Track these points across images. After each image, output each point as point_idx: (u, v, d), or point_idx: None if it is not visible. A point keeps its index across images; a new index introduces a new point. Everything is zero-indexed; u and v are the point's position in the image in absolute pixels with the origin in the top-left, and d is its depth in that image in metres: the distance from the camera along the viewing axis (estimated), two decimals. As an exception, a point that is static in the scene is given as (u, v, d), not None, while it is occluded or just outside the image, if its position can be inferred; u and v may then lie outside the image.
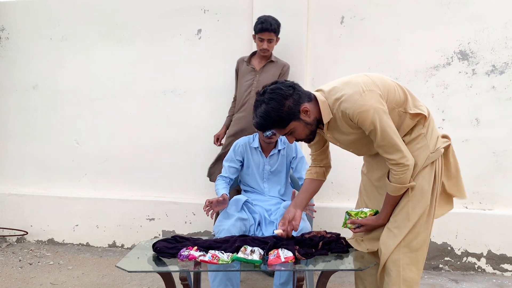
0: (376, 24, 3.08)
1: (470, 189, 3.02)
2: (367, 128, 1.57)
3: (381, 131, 1.55)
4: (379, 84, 1.60)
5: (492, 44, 2.95)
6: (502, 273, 2.93)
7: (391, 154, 1.59)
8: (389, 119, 1.57)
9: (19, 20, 3.65)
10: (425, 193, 1.65)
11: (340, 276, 2.81)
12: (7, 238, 3.63)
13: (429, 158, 1.64)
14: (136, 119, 3.49)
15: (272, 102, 1.59)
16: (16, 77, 3.69)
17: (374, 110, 1.53)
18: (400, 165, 1.59)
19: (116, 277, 2.85)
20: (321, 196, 3.18)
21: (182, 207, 3.37)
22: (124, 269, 1.63)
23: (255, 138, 2.59)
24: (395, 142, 1.57)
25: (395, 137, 1.57)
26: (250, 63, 2.96)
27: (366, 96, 1.55)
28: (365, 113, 1.53)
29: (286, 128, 1.64)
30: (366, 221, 1.77)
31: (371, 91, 1.56)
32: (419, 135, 1.65)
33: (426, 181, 1.65)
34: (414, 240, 1.65)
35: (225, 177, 2.53)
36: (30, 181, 3.72)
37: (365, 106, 1.53)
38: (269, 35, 2.79)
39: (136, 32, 3.44)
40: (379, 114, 1.54)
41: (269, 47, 2.83)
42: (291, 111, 1.60)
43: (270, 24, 2.75)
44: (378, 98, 1.56)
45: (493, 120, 2.97)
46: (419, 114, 1.64)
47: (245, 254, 1.66)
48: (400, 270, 1.64)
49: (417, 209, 1.65)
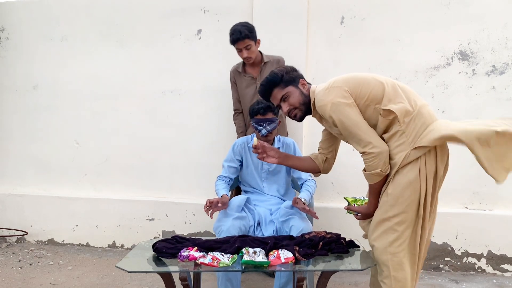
0: (376, 24, 3.08)
1: (470, 190, 3.02)
2: (328, 121, 1.73)
3: (340, 122, 1.66)
4: (350, 81, 1.71)
5: (492, 45, 2.95)
6: (502, 273, 2.93)
7: (356, 144, 1.69)
8: (352, 111, 1.65)
9: (19, 20, 3.65)
10: (404, 191, 1.63)
11: (340, 277, 2.81)
12: (7, 238, 3.63)
13: (410, 156, 1.62)
14: (136, 119, 3.49)
15: (279, 68, 1.89)
16: (16, 77, 3.69)
17: (332, 104, 1.67)
18: (365, 153, 1.65)
19: (116, 277, 2.85)
20: (321, 196, 3.18)
21: (182, 207, 3.37)
22: (124, 269, 1.63)
23: (253, 138, 2.59)
24: (355, 131, 1.65)
25: (357, 126, 1.64)
26: (246, 72, 2.90)
27: (328, 92, 1.71)
28: (324, 107, 1.71)
29: (285, 89, 1.83)
30: (358, 209, 1.85)
31: (335, 88, 1.70)
32: (396, 132, 1.65)
33: (406, 179, 1.63)
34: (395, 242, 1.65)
35: (225, 177, 2.53)
36: (30, 181, 3.72)
37: (324, 101, 1.70)
38: (244, 43, 2.68)
39: (136, 32, 3.44)
40: (337, 107, 1.66)
41: (250, 53, 2.73)
42: (292, 76, 1.84)
43: (239, 32, 2.64)
44: (341, 93, 1.68)
45: (493, 120, 2.96)
46: (390, 112, 1.65)
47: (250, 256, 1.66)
48: (391, 271, 1.65)
49: (395, 208, 1.65)
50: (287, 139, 2.60)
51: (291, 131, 3.07)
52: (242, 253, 1.70)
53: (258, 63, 2.87)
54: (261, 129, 2.40)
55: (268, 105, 2.41)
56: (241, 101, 2.97)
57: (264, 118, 2.40)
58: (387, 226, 1.67)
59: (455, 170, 1.84)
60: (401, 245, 1.65)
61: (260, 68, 2.86)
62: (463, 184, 2.98)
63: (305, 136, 3.16)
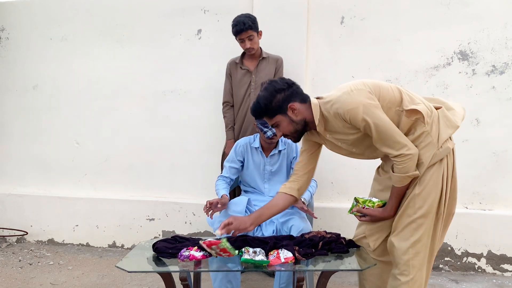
0: (376, 24, 3.08)
1: (470, 189, 3.02)
2: (360, 124, 1.61)
3: (374, 125, 1.58)
4: (369, 84, 1.65)
5: (492, 44, 2.95)
6: (502, 273, 2.93)
7: (390, 147, 1.61)
8: (382, 113, 1.60)
9: (19, 20, 3.65)
10: (431, 191, 1.63)
11: (340, 276, 2.81)
12: (7, 238, 3.63)
13: (436, 156, 1.62)
14: (136, 119, 3.49)
15: (265, 92, 1.72)
16: (16, 77, 3.69)
17: (363, 106, 1.58)
18: (401, 155, 1.60)
19: (116, 277, 2.85)
20: (321, 196, 3.18)
21: (182, 207, 3.37)
22: (124, 269, 1.63)
23: (255, 139, 2.58)
24: (391, 133, 1.59)
25: (391, 129, 1.59)
26: (243, 64, 2.93)
27: (354, 95, 1.61)
28: (355, 110, 1.59)
29: (273, 119, 1.74)
30: (371, 212, 1.76)
31: (359, 90, 1.62)
32: (422, 133, 1.64)
33: (433, 180, 1.63)
34: (419, 243, 1.65)
35: (225, 177, 2.53)
36: (30, 181, 3.72)
37: (353, 104, 1.60)
38: (247, 34, 2.73)
39: (136, 32, 3.44)
40: (369, 109, 1.58)
41: (253, 44, 2.78)
42: (279, 104, 1.71)
43: (243, 23, 2.69)
44: (367, 94, 1.61)
45: (493, 120, 2.96)
46: (415, 110, 1.63)
47: (250, 256, 1.66)
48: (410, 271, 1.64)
49: (423, 208, 1.64)
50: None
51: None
52: (242, 252, 1.70)
53: (257, 56, 2.90)
54: (266, 131, 2.39)
55: None
56: (233, 94, 2.98)
57: None
58: (413, 226, 1.65)
59: (455, 170, 1.84)
60: (423, 246, 1.66)
61: (258, 62, 2.89)
62: (463, 184, 2.96)
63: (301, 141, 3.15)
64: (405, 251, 1.66)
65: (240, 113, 2.94)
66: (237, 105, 2.95)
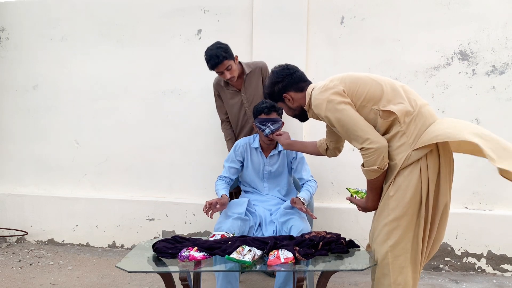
0: (376, 24, 3.08)
1: (470, 189, 3.02)
2: (324, 119, 1.72)
3: (336, 120, 1.65)
4: (346, 80, 1.70)
5: (492, 45, 2.95)
6: (502, 273, 2.93)
7: (354, 140, 1.66)
8: (348, 108, 1.64)
9: (19, 20, 3.65)
10: (406, 193, 1.60)
11: (340, 277, 2.81)
12: (7, 238, 3.63)
13: (410, 157, 1.59)
14: (136, 119, 3.49)
15: (267, 83, 1.93)
16: (16, 77, 3.69)
17: (328, 102, 1.66)
18: (363, 149, 1.63)
19: (116, 277, 2.85)
20: (321, 196, 3.18)
21: (182, 207, 3.37)
22: (124, 269, 1.63)
23: (255, 139, 2.59)
24: (353, 128, 1.63)
25: (353, 123, 1.63)
26: (229, 85, 2.83)
27: (324, 91, 1.70)
28: (319, 106, 1.70)
29: (278, 105, 1.99)
30: (357, 202, 1.85)
31: (331, 87, 1.69)
32: (396, 132, 1.63)
33: (408, 181, 1.60)
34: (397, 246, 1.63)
35: (225, 177, 2.53)
36: (30, 181, 3.72)
37: (319, 100, 1.70)
38: (223, 66, 2.58)
39: (136, 32, 3.44)
40: (333, 105, 1.65)
41: (232, 73, 2.64)
42: (277, 94, 1.91)
43: (216, 57, 2.55)
44: (337, 91, 1.67)
45: (493, 120, 2.96)
46: (390, 113, 1.62)
47: (240, 254, 1.66)
48: (391, 274, 1.63)
49: (397, 211, 1.62)
50: None
51: (291, 131, 3.06)
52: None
53: (240, 76, 2.79)
54: (264, 129, 2.39)
55: (272, 105, 2.42)
56: (228, 114, 2.95)
57: (268, 117, 2.40)
58: (388, 229, 1.64)
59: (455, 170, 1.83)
60: (403, 248, 1.63)
61: (243, 80, 2.79)
62: (463, 184, 2.98)
63: (305, 137, 3.16)
64: (384, 256, 1.65)
65: (240, 132, 2.91)
66: (235, 125, 2.92)
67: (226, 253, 1.73)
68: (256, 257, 1.69)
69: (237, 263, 1.66)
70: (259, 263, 1.69)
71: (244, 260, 1.64)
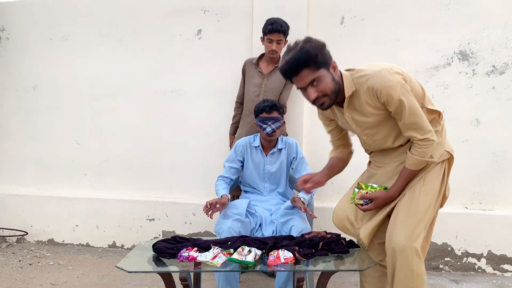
0: (376, 24, 3.07)
1: (470, 189, 3.02)
2: (394, 104, 1.57)
3: (409, 106, 1.58)
4: (405, 72, 1.65)
5: (492, 45, 2.95)
6: (502, 273, 2.93)
7: (416, 131, 1.62)
8: (414, 98, 1.60)
9: (19, 20, 3.65)
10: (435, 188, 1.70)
11: (340, 277, 2.81)
12: (7, 239, 3.63)
13: (443, 155, 1.72)
14: (136, 119, 3.49)
15: (310, 43, 1.56)
16: (16, 77, 3.69)
17: (401, 85, 1.57)
18: (425, 139, 1.62)
19: (116, 278, 2.85)
20: (321, 196, 3.18)
21: (182, 208, 3.37)
22: (124, 269, 1.63)
23: (255, 138, 2.59)
24: (420, 118, 1.61)
25: (420, 113, 1.61)
26: (258, 66, 2.93)
27: (394, 73, 1.58)
28: (393, 88, 1.55)
29: (316, 73, 1.56)
30: (376, 195, 1.72)
31: (397, 73, 1.60)
32: (435, 131, 1.68)
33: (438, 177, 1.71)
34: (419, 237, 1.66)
35: (225, 177, 2.53)
36: (30, 181, 3.72)
37: (393, 82, 1.56)
38: (279, 36, 2.76)
39: (136, 32, 3.44)
40: (405, 89, 1.58)
41: (278, 48, 2.80)
42: (325, 58, 1.58)
43: (280, 25, 2.73)
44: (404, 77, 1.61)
45: (493, 120, 2.96)
46: (435, 111, 1.70)
47: (241, 255, 1.66)
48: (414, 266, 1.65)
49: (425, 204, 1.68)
50: (290, 139, 2.60)
51: (291, 131, 3.07)
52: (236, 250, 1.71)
53: (274, 62, 2.90)
54: (265, 127, 2.40)
55: (273, 104, 2.43)
56: (244, 91, 2.98)
57: (269, 116, 2.41)
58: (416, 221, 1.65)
59: (454, 170, 1.84)
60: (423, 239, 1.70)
61: (273, 68, 2.89)
62: (463, 184, 2.98)
63: (305, 136, 3.16)
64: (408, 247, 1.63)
65: (248, 112, 2.91)
66: (246, 103, 2.94)
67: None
68: (256, 257, 1.69)
69: (237, 263, 1.66)
70: (259, 263, 1.69)
71: (246, 260, 1.63)
